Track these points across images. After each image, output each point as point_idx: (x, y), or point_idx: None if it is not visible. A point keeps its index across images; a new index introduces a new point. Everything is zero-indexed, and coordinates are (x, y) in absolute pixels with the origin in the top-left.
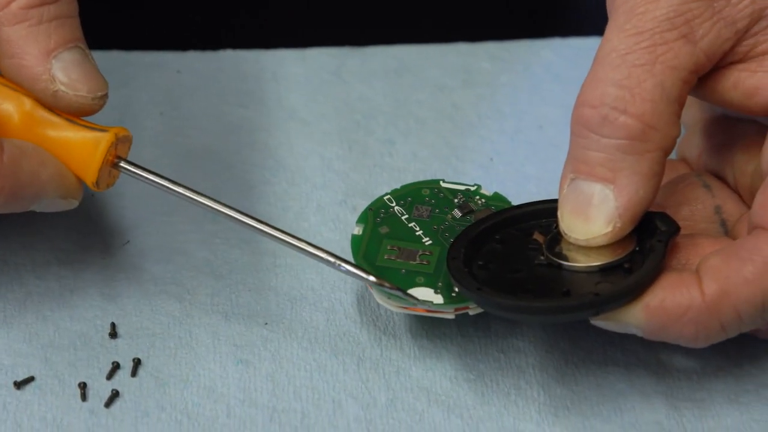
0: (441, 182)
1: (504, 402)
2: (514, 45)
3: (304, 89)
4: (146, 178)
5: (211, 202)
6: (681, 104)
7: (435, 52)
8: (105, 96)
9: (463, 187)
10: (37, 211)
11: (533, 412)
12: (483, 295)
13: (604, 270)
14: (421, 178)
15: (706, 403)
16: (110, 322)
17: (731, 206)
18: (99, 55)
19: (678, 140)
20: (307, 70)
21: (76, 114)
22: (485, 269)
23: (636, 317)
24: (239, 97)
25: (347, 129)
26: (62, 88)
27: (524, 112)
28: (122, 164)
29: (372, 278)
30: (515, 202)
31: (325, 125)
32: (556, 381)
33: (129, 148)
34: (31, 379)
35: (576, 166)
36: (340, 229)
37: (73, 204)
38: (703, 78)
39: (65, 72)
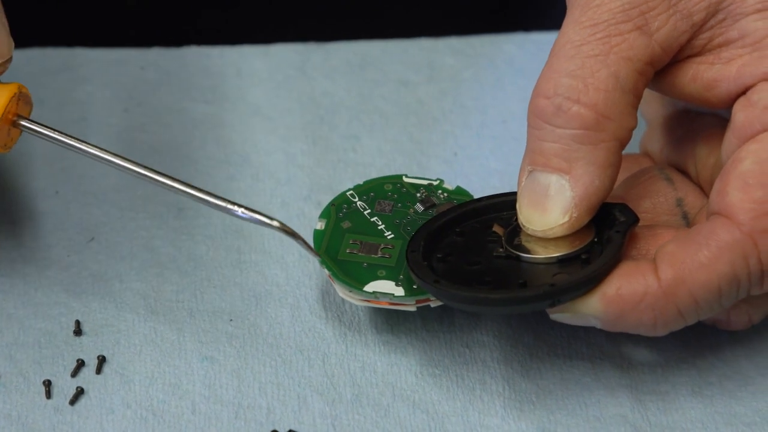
0: (404, 177)
1: (469, 397)
2: (478, 40)
3: (267, 85)
4: (47, 135)
5: (117, 158)
6: (637, 95)
7: (398, 47)
8: (8, 61)
9: (425, 182)
10: None
11: (498, 406)
12: (440, 287)
13: (562, 261)
14: (386, 173)
15: (671, 395)
16: (75, 319)
17: (693, 199)
18: (62, 52)
19: (641, 135)
20: (271, 66)
21: None
22: (444, 262)
23: (593, 307)
24: (203, 93)
25: (311, 124)
26: None
27: (488, 106)
28: (23, 122)
29: (275, 223)
30: (478, 196)
31: (289, 121)
32: (521, 375)
33: (30, 111)
34: None
35: (533, 158)
36: (304, 225)
37: None
38: (662, 72)
39: None
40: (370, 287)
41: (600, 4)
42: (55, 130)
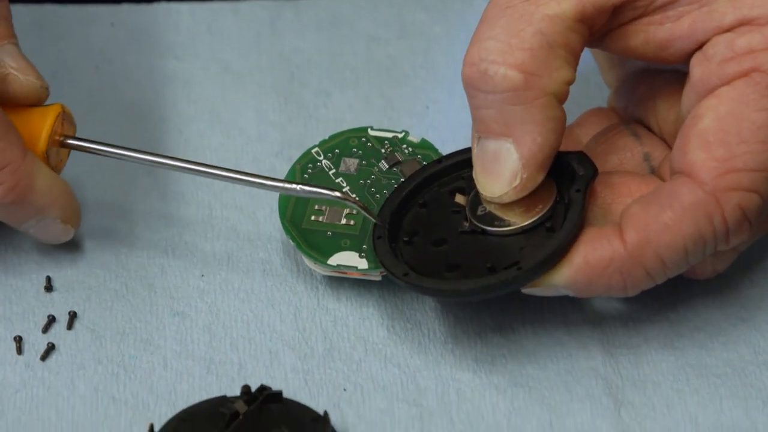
0: (369, 130)
1: (441, 351)
2: None
3: (238, 42)
4: (95, 150)
5: (169, 160)
6: (570, 51)
7: (369, 3)
8: (48, 88)
9: (390, 135)
10: (29, 231)
11: (470, 360)
12: (409, 280)
13: (526, 232)
14: None
15: (642, 349)
16: (45, 275)
17: (660, 153)
18: (32, 9)
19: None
20: (241, 23)
21: (23, 101)
22: (410, 244)
23: (562, 277)
24: (173, 50)
25: (282, 81)
26: (13, 71)
27: (459, 61)
28: (69, 141)
29: (336, 194)
30: (452, 147)
31: (259, 78)
32: (493, 330)
33: (74, 132)
34: None
35: (476, 126)
36: None
37: (69, 233)
38: (615, 36)
39: (13, 58)
40: (333, 260)
41: None
42: (102, 143)
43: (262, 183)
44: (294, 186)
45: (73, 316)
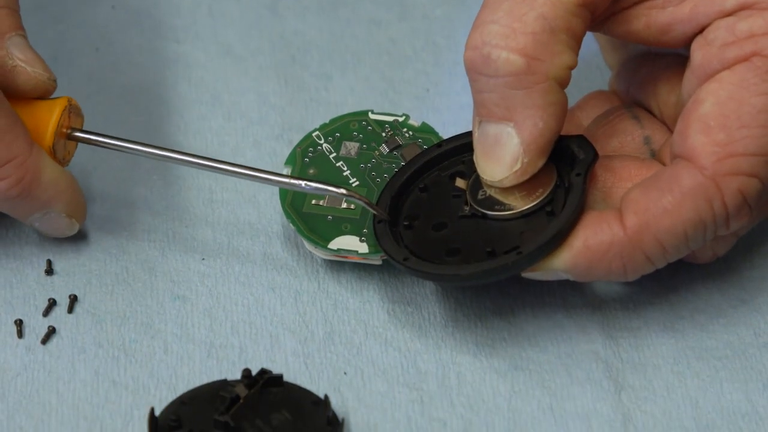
0: (370, 113)
1: (441, 334)
2: None
3: (239, 25)
4: (103, 143)
5: (176, 154)
6: (572, 35)
7: None
8: (55, 81)
9: (391, 118)
10: (34, 224)
11: (470, 343)
12: (410, 264)
13: (526, 216)
14: None
15: (642, 331)
16: (46, 259)
17: (660, 137)
18: None
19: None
20: (242, 5)
21: (30, 94)
22: (411, 229)
23: (562, 261)
24: (174, 32)
25: (283, 64)
26: (20, 63)
27: (460, 44)
28: (77, 133)
29: (342, 191)
30: (452, 131)
31: (260, 60)
32: (493, 313)
33: (82, 124)
34: None
35: (478, 110)
36: (277, 164)
37: (74, 227)
38: (617, 20)
39: (21, 50)
40: (334, 244)
41: None
42: (110, 136)
43: (267, 178)
44: (300, 182)
45: (73, 299)
